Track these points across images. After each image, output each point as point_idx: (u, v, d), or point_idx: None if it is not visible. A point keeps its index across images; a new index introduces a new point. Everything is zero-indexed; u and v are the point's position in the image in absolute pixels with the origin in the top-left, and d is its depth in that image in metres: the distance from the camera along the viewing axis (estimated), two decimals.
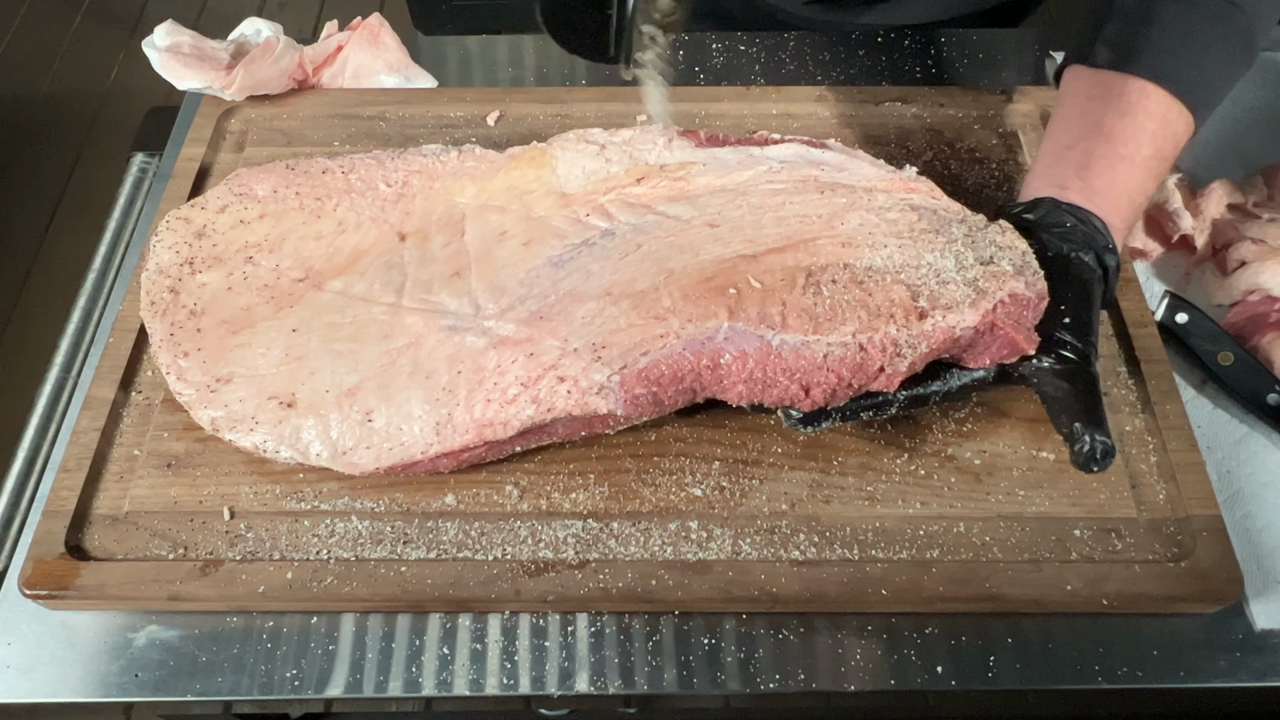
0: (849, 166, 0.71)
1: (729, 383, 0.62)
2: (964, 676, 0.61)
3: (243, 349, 0.65)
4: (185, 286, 0.68)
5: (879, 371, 0.61)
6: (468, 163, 0.74)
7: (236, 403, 0.63)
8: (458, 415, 0.61)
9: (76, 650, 0.62)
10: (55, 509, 0.64)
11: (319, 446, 0.62)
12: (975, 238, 0.65)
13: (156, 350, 0.66)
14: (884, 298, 0.61)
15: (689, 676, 0.61)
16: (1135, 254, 0.80)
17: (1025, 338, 0.62)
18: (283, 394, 0.63)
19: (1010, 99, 0.88)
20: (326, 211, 0.72)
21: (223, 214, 0.72)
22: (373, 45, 0.93)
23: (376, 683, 0.60)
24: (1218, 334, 0.72)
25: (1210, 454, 0.69)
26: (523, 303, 0.65)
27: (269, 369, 0.64)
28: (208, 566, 0.62)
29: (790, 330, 0.60)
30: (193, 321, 0.67)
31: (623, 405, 0.61)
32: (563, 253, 0.67)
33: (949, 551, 0.63)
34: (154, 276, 0.69)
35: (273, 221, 0.72)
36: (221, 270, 0.69)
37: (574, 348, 0.61)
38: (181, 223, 0.72)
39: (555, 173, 0.72)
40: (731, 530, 0.63)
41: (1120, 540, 0.63)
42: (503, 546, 0.63)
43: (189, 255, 0.70)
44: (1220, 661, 0.61)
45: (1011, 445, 0.67)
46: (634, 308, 0.62)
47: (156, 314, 0.67)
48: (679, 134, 0.74)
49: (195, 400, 0.64)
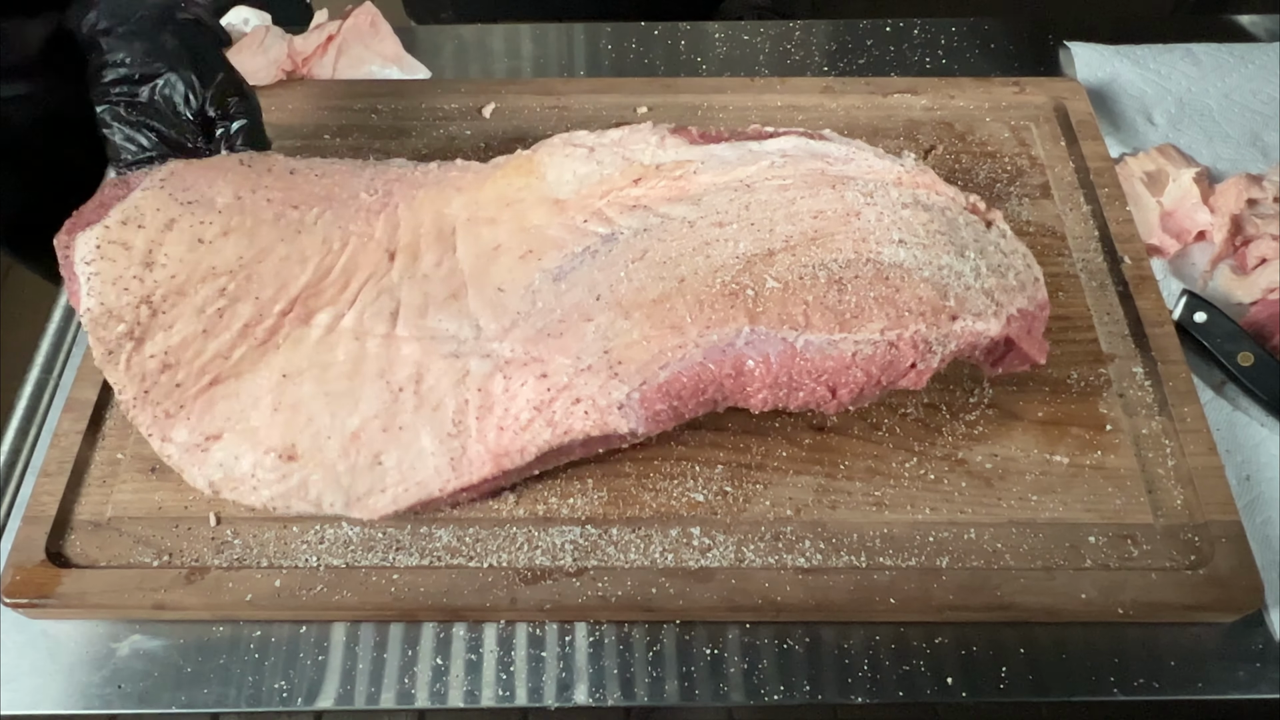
0: (854, 158, 0.70)
1: (752, 390, 0.61)
2: (975, 688, 0.60)
3: (229, 400, 0.61)
4: (148, 332, 0.61)
5: (910, 368, 0.61)
6: (450, 173, 0.71)
7: (232, 461, 0.60)
8: (471, 447, 0.60)
9: (58, 661, 0.62)
10: (35, 514, 0.64)
11: (331, 496, 0.60)
12: (982, 242, 0.65)
13: (130, 409, 0.60)
14: (911, 294, 0.61)
15: (691, 688, 0.60)
16: (1151, 251, 0.80)
17: (1038, 350, 0.63)
18: (281, 446, 0.60)
19: (1022, 90, 0.88)
20: (308, 225, 0.65)
21: (171, 231, 0.62)
22: (364, 35, 0.92)
23: (368, 694, 0.60)
24: (1237, 333, 0.72)
25: (1229, 458, 0.69)
26: (526, 320, 0.63)
27: (261, 420, 0.60)
28: (193, 574, 0.62)
29: (815, 330, 0.60)
30: (168, 376, 0.60)
31: (643, 423, 0.60)
32: (563, 263, 0.65)
33: (959, 559, 0.62)
34: (102, 320, 0.60)
35: (245, 240, 0.63)
36: (189, 306, 0.61)
37: (587, 365, 0.60)
38: (119, 249, 0.61)
39: (545, 179, 0.70)
40: (734, 537, 0.63)
41: (1136, 547, 0.63)
42: (498, 553, 0.63)
43: (143, 293, 0.61)
44: (1240, 672, 0.61)
45: (1024, 449, 0.67)
46: (647, 318, 0.61)
47: (118, 368, 0.60)
48: (670, 131, 0.72)
49: (185, 462, 0.60)
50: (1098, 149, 0.83)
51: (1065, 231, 0.79)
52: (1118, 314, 0.74)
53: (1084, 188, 0.81)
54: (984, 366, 0.65)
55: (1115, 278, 0.76)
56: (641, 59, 0.97)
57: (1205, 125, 0.88)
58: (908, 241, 0.64)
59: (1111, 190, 0.80)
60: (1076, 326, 0.73)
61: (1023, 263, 0.65)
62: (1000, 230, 0.67)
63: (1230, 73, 0.92)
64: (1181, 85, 0.91)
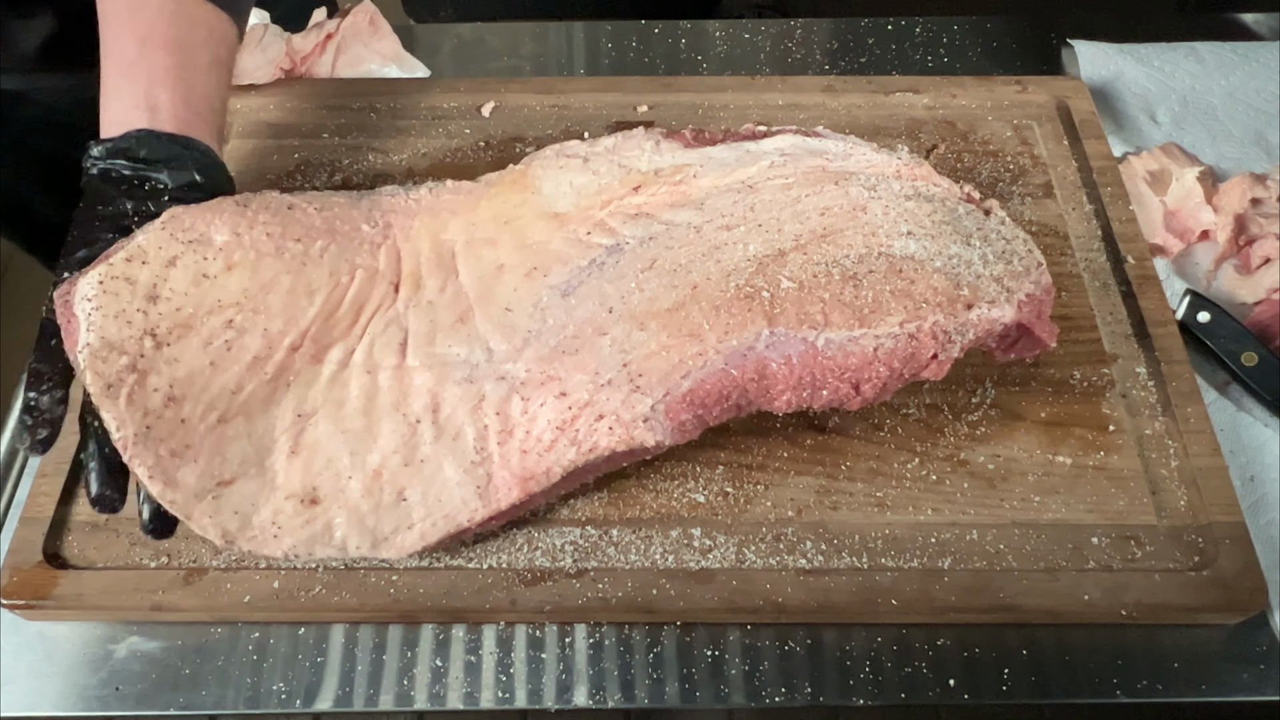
0: (852, 153, 0.70)
1: (775, 392, 0.61)
2: (977, 690, 0.60)
3: (240, 442, 0.58)
4: (152, 365, 0.57)
5: (932, 359, 0.61)
6: (443, 197, 0.70)
7: (249, 508, 0.57)
8: (496, 473, 0.59)
9: (55, 662, 0.62)
10: (32, 515, 0.64)
11: (356, 539, 0.58)
12: (985, 230, 0.66)
13: (127, 447, 0.55)
14: (926, 285, 0.61)
15: (691, 690, 0.60)
16: (1155, 250, 0.80)
17: (1048, 333, 0.63)
18: (302, 491, 0.57)
19: (1024, 89, 0.88)
20: (313, 258, 0.63)
21: (174, 268, 0.60)
22: (363, 33, 0.92)
23: (367, 696, 0.60)
24: (1241, 333, 0.72)
25: (1233, 458, 0.69)
26: (538, 338, 0.62)
27: (278, 463, 0.58)
28: (191, 575, 0.62)
29: (835, 327, 0.60)
30: (172, 411, 0.57)
31: (670, 434, 0.59)
32: (569, 278, 0.64)
33: (961, 560, 0.62)
34: (103, 354, 0.56)
35: (248, 273, 0.61)
36: (195, 340, 0.59)
37: (607, 380, 0.59)
38: (123, 284, 0.59)
39: (541, 193, 0.68)
40: (735, 538, 0.63)
41: (1140, 548, 0.63)
42: (498, 554, 0.63)
43: (147, 326, 0.58)
44: (1244, 674, 0.61)
45: (1026, 449, 0.67)
46: (663, 328, 0.61)
47: (119, 401, 0.56)
48: (664, 136, 0.72)
49: (195, 510, 0.56)
50: (1101, 148, 0.83)
51: (1068, 231, 0.79)
52: (1121, 314, 0.74)
53: (1087, 187, 0.81)
54: (996, 354, 0.65)
55: (1118, 277, 0.76)
56: (641, 58, 0.97)
57: (1209, 124, 0.88)
58: (916, 233, 0.64)
59: (1114, 189, 0.80)
60: (1079, 326, 0.73)
61: (1024, 248, 0.65)
62: (999, 217, 0.67)
63: (1234, 71, 0.92)
64: (1185, 84, 0.91)
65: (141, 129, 0.63)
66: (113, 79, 0.66)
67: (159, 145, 0.64)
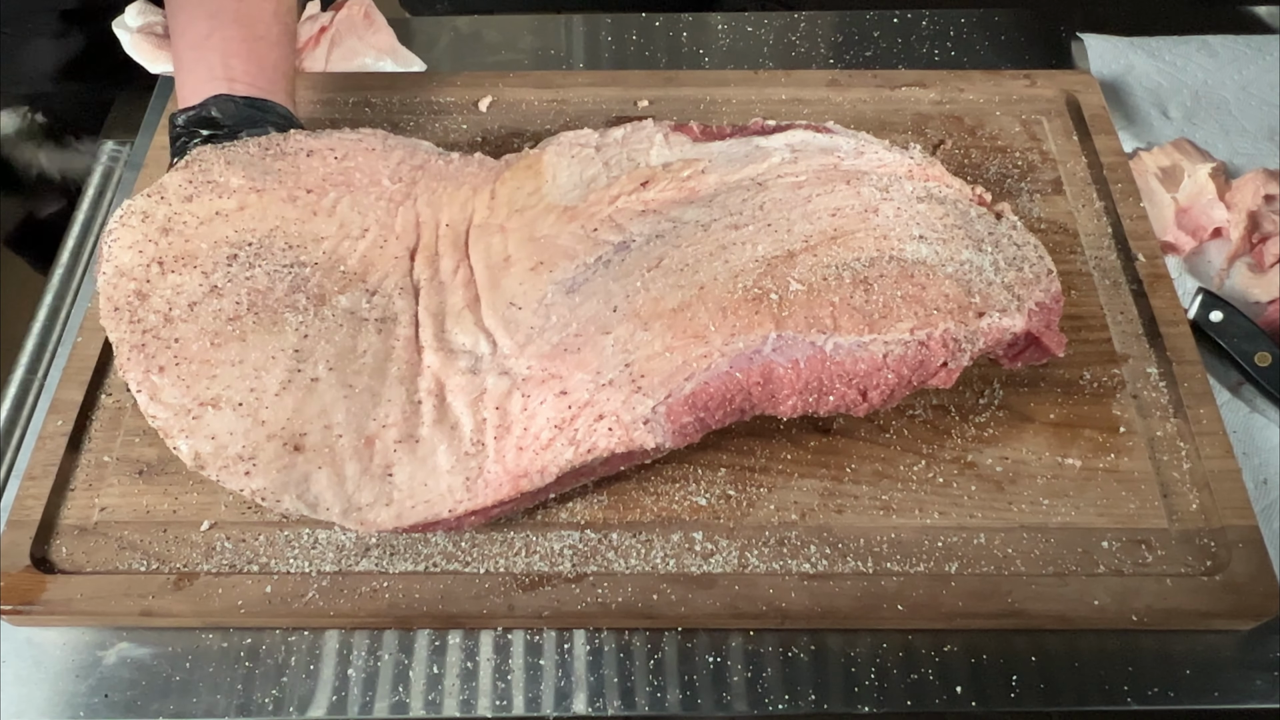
0: (864, 151, 0.70)
1: (781, 397, 0.61)
2: (985, 697, 0.60)
3: (231, 367, 0.59)
4: (155, 288, 0.61)
5: (941, 367, 0.61)
6: (469, 168, 0.71)
7: (227, 436, 0.57)
8: (489, 467, 0.59)
9: (43, 669, 0.62)
10: (20, 519, 0.64)
11: (330, 500, 0.57)
12: (996, 235, 0.66)
13: (123, 364, 0.59)
14: (937, 292, 0.61)
15: (693, 697, 0.60)
16: (1166, 248, 0.80)
17: (1056, 343, 0.63)
18: (288, 434, 0.57)
19: (1033, 83, 0.88)
20: (323, 210, 0.66)
21: (190, 204, 0.65)
22: (358, 27, 0.92)
23: (361, 703, 0.60)
24: (1254, 333, 0.72)
25: (1246, 460, 0.69)
26: (541, 335, 0.62)
27: (267, 397, 0.58)
28: (182, 580, 0.62)
29: (843, 332, 0.60)
30: (168, 329, 0.60)
31: (670, 437, 0.60)
32: (575, 275, 0.64)
33: (969, 564, 0.62)
34: (114, 280, 0.62)
35: (256, 214, 0.65)
36: (198, 270, 0.62)
37: (608, 380, 0.59)
38: (139, 218, 0.64)
39: (556, 183, 0.70)
40: (738, 541, 0.63)
41: (1151, 552, 0.63)
42: (495, 559, 0.63)
43: (155, 254, 0.63)
44: (1257, 681, 0.61)
45: (1035, 451, 0.67)
46: (668, 328, 0.61)
47: (121, 320, 0.60)
48: (672, 129, 0.72)
49: (173, 426, 0.57)
50: (1111, 143, 0.83)
51: (1078, 228, 0.79)
52: (1132, 313, 0.74)
53: (1097, 183, 0.81)
54: (1003, 361, 0.65)
55: (1129, 276, 0.76)
56: (642, 51, 0.97)
57: (1222, 119, 0.88)
58: (928, 237, 0.64)
59: (1125, 186, 0.80)
60: (1089, 326, 0.73)
61: (1035, 254, 0.65)
62: (1010, 222, 0.67)
63: (1247, 65, 0.92)
64: (1197, 78, 0.91)
65: (220, 94, 0.70)
66: (187, 55, 0.72)
67: (237, 109, 0.70)
